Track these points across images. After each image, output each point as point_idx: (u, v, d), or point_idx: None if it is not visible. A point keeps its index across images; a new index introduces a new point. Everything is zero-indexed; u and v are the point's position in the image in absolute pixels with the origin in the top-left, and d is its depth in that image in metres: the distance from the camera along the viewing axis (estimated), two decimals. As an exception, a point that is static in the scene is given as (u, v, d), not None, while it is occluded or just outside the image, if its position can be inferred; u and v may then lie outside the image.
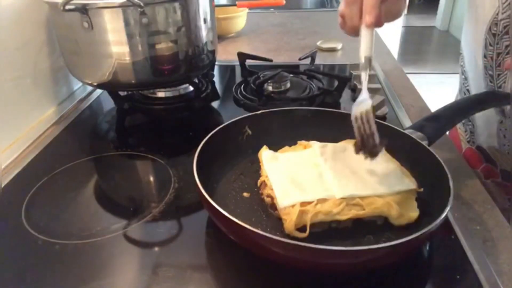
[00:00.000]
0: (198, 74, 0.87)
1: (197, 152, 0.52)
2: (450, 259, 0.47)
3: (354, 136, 0.48)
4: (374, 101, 0.75)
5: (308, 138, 0.59)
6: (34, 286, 0.44)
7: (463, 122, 0.80)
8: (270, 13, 1.59)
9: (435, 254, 0.48)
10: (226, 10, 1.27)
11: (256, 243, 0.42)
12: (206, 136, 0.55)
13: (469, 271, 0.44)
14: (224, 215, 0.41)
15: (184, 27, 0.71)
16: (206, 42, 0.77)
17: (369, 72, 0.49)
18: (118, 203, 0.58)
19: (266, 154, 0.56)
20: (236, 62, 0.95)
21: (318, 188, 0.49)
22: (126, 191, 0.60)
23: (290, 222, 0.45)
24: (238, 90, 0.88)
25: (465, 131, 0.80)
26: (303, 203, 0.46)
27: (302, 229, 0.45)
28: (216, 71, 0.97)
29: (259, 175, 0.55)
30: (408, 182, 0.49)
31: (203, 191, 0.45)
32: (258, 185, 0.54)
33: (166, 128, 0.78)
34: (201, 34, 0.76)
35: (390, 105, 0.81)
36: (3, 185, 0.60)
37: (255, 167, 0.57)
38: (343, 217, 0.46)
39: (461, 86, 0.79)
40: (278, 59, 1.04)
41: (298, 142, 0.60)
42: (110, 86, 0.78)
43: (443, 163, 0.49)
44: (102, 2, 0.64)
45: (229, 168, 0.58)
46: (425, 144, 0.54)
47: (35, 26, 0.76)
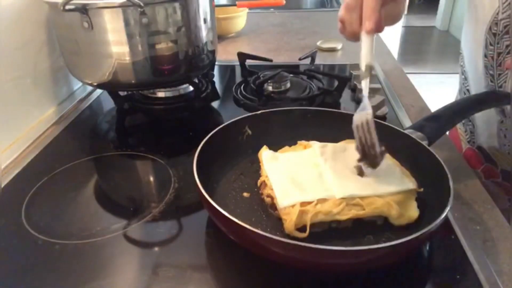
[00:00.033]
0: (198, 74, 0.87)
1: (197, 152, 0.52)
2: (450, 259, 0.47)
3: (354, 136, 0.49)
4: (374, 101, 0.75)
5: (308, 138, 0.59)
6: (34, 286, 0.44)
7: (463, 122, 0.80)
8: (270, 13, 1.59)
9: (435, 254, 0.48)
10: (226, 10, 1.27)
11: (256, 243, 0.42)
12: (206, 136, 0.55)
13: (469, 271, 0.44)
14: (224, 215, 0.41)
15: (184, 27, 0.71)
16: (206, 42, 0.77)
17: (369, 79, 0.49)
18: (118, 203, 0.58)
19: (266, 154, 0.56)
20: (236, 62, 0.95)
21: (318, 188, 0.49)
22: (126, 191, 0.60)
23: (290, 222, 0.45)
24: (238, 90, 0.88)
25: (465, 131, 0.80)
26: (303, 203, 0.46)
27: (302, 229, 0.45)
28: (216, 71, 0.97)
29: (259, 175, 0.55)
30: (408, 182, 0.49)
31: (203, 191, 0.45)
32: (258, 185, 0.54)
33: (166, 128, 0.78)
34: (201, 34, 0.76)
35: (390, 105, 0.81)
36: (3, 185, 0.60)
37: (255, 167, 0.57)
38: (343, 217, 0.46)
39: (461, 86, 0.79)
40: (278, 59, 1.04)
41: (298, 142, 0.59)
42: (110, 86, 0.78)
43: (443, 163, 0.49)
44: (102, 2, 0.64)
45: (229, 168, 0.58)
46: (425, 144, 0.54)
47: (35, 26, 0.76)
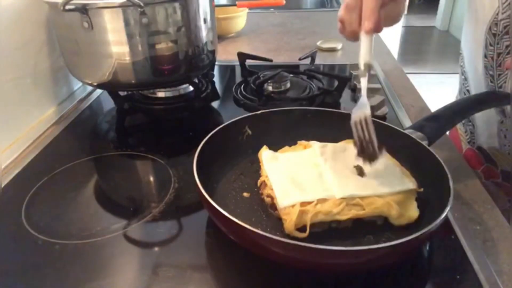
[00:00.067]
0: (198, 74, 0.86)
1: (197, 152, 0.52)
2: (450, 259, 0.47)
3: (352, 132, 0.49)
4: (374, 101, 0.75)
5: (308, 138, 0.59)
6: (34, 286, 0.44)
7: (463, 122, 0.80)
8: (270, 13, 1.59)
9: (435, 254, 0.48)
10: (226, 10, 1.27)
11: (256, 243, 0.42)
12: (206, 136, 0.55)
13: (469, 271, 0.44)
14: (224, 215, 0.41)
15: (184, 27, 0.71)
16: (206, 42, 0.77)
17: (368, 78, 0.49)
18: (118, 203, 0.58)
19: (266, 154, 0.56)
20: (236, 62, 0.95)
21: (318, 188, 0.49)
22: (126, 191, 0.60)
23: (290, 222, 0.45)
24: (238, 90, 0.88)
25: (465, 132, 0.80)
26: (303, 203, 0.46)
27: (302, 229, 0.45)
28: (216, 71, 0.97)
29: (259, 175, 0.55)
30: (408, 182, 0.49)
31: (203, 191, 0.45)
32: (258, 185, 0.54)
33: (166, 128, 0.78)
34: (201, 34, 0.76)
35: (390, 105, 0.81)
36: (3, 185, 0.60)
37: (255, 167, 0.57)
38: (343, 217, 0.46)
39: (461, 87, 0.79)
40: (278, 59, 1.04)
41: (298, 142, 0.59)
42: (110, 86, 0.78)
43: (443, 163, 0.49)
44: (102, 2, 0.64)
45: (229, 168, 0.58)
46: (425, 144, 0.54)
47: (35, 26, 0.76)
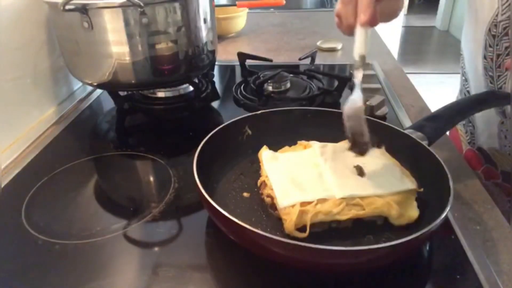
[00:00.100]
0: (198, 74, 0.87)
1: (197, 152, 0.51)
2: (450, 259, 0.47)
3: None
4: (374, 101, 0.75)
5: (308, 138, 0.59)
6: (34, 286, 0.44)
7: (464, 123, 0.80)
8: (270, 13, 1.59)
9: (435, 254, 0.48)
10: (226, 10, 1.27)
11: (256, 243, 0.42)
12: (206, 136, 0.55)
13: (469, 271, 0.44)
14: (224, 215, 0.41)
15: (184, 27, 0.71)
16: (206, 42, 0.78)
17: (363, 70, 0.49)
18: (118, 203, 0.58)
19: (266, 154, 0.56)
20: (236, 62, 0.95)
21: (318, 188, 0.49)
22: (126, 191, 0.60)
23: (290, 222, 0.45)
24: (238, 90, 0.88)
25: (465, 132, 0.80)
26: (303, 203, 0.46)
27: (302, 229, 0.45)
28: (216, 71, 0.97)
29: (259, 175, 0.55)
30: (408, 182, 0.49)
31: (203, 191, 0.45)
32: (258, 185, 0.54)
33: (166, 128, 0.78)
34: (201, 34, 0.76)
35: (390, 105, 0.81)
36: (3, 185, 0.60)
37: (255, 167, 0.57)
38: (343, 217, 0.46)
39: (461, 87, 0.79)
40: (278, 59, 1.04)
41: (298, 142, 0.59)
42: (110, 86, 0.78)
43: (443, 163, 0.49)
44: (102, 2, 0.64)
45: (229, 168, 0.58)
46: (425, 144, 0.54)
47: (35, 26, 0.76)
